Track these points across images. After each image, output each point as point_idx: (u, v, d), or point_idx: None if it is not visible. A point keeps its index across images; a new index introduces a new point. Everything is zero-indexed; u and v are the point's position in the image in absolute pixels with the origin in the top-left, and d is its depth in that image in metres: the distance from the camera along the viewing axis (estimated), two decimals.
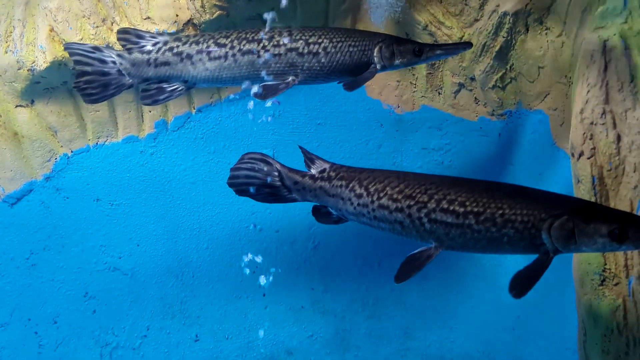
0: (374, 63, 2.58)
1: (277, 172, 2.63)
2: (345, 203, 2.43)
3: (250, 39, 2.56)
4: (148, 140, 3.50)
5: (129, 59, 2.58)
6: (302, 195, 2.61)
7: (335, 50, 2.54)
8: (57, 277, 3.52)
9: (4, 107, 3.23)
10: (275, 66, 2.55)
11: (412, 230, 2.22)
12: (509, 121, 3.35)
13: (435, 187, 2.18)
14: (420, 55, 2.57)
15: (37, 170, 3.38)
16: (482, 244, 2.09)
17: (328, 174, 2.53)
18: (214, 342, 3.83)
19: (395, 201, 2.22)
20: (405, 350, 3.92)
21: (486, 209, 2.04)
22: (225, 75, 2.58)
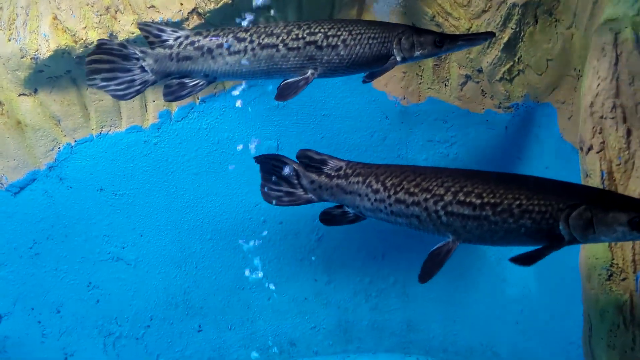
0: (394, 55, 2.55)
1: (293, 171, 2.62)
2: (363, 199, 2.42)
3: (269, 33, 2.54)
4: (152, 130, 3.48)
5: (152, 55, 2.57)
6: (318, 194, 2.60)
7: (354, 43, 2.51)
8: (60, 267, 3.52)
9: (7, 95, 3.21)
10: (293, 60, 2.53)
11: (429, 224, 2.21)
12: (516, 114, 3.33)
13: (452, 179, 2.17)
14: (441, 46, 2.54)
15: (40, 159, 3.37)
16: (499, 235, 2.08)
17: (345, 171, 2.53)
18: (217, 333, 3.84)
19: (412, 195, 2.22)
20: (408, 343, 3.92)
21: (503, 200, 2.03)
22: (245, 69, 2.57)
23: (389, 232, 3.79)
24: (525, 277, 3.42)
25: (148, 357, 3.73)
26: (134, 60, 2.57)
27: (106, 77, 2.56)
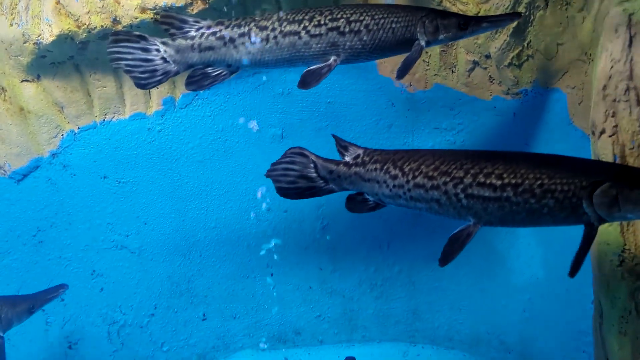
0: (418, 39, 2.50)
1: (312, 163, 2.60)
2: (381, 186, 2.40)
3: (291, 20, 2.52)
4: (156, 118, 3.45)
5: (174, 46, 2.56)
6: (338, 184, 2.59)
7: (377, 28, 2.47)
8: (64, 255, 3.50)
9: (9, 81, 3.18)
10: (316, 47, 2.50)
11: (449, 208, 2.18)
12: (525, 100, 3.29)
13: (472, 161, 2.14)
14: (465, 29, 2.48)
15: (43, 146, 3.34)
16: (521, 217, 2.04)
17: (362, 159, 2.51)
18: (221, 321, 3.82)
19: (431, 179, 2.19)
20: (413, 332, 3.90)
21: (524, 180, 2.00)
22: (268, 58, 2.55)
23: (394, 220, 3.77)
24: (533, 265, 3.40)
25: (152, 345, 3.72)
26: (155, 51, 2.56)
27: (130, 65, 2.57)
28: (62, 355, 3.59)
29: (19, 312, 2.93)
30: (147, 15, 3.01)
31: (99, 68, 3.25)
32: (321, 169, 2.59)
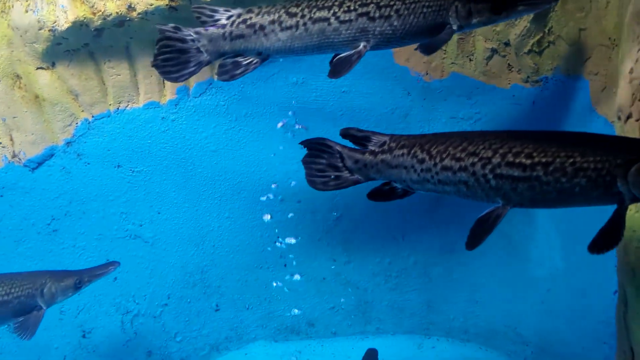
0: (450, 23, 2.44)
1: (337, 153, 2.56)
2: (409, 172, 2.35)
3: (321, 6, 2.49)
4: (169, 107, 3.43)
5: (206, 36, 2.55)
6: (364, 174, 2.53)
7: (408, 12, 2.42)
8: (78, 244, 3.50)
9: (25, 68, 3.17)
10: (346, 33, 2.46)
11: (478, 190, 2.13)
12: (545, 88, 3.23)
13: (500, 141, 2.08)
14: (499, 13, 2.41)
15: (58, 134, 3.33)
16: (551, 197, 1.98)
17: (389, 145, 2.46)
18: (234, 312, 3.81)
19: (458, 160, 2.14)
20: (428, 324, 3.87)
21: (555, 158, 1.94)
22: (297, 45, 2.53)
23: (409, 211, 3.73)
24: (552, 256, 3.35)
25: (165, 335, 3.71)
26: (190, 42, 2.56)
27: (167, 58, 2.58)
28: (76, 343, 3.58)
29: (65, 287, 2.91)
30: (162, 2, 2.99)
31: (114, 56, 3.23)
32: (347, 159, 2.54)
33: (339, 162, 2.57)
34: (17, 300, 2.77)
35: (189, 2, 3.00)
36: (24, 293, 2.80)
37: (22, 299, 2.79)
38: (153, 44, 3.20)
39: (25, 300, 2.80)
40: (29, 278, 2.87)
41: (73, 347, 3.58)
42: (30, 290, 2.82)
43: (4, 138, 3.30)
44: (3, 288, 2.75)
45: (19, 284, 2.81)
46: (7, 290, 2.76)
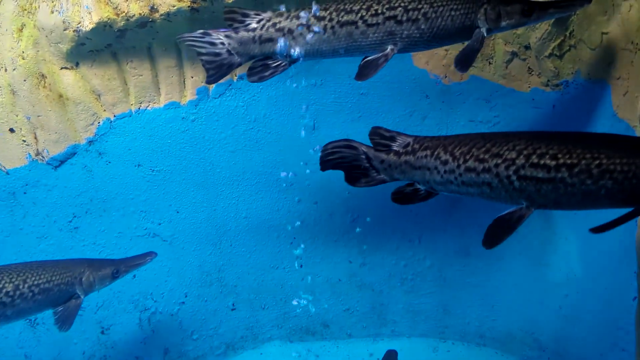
0: (479, 27, 2.43)
1: (363, 154, 2.58)
2: (432, 173, 2.36)
3: (349, 10, 2.51)
4: (189, 107, 3.47)
5: (237, 39, 2.60)
6: (389, 173, 2.56)
7: (436, 16, 2.42)
8: (98, 241, 3.55)
9: (49, 68, 3.23)
10: (373, 36, 2.48)
11: (501, 191, 2.12)
12: (565, 92, 3.21)
13: (525, 142, 2.08)
14: (529, 15, 2.40)
15: (80, 133, 3.38)
16: (576, 199, 1.97)
17: (412, 146, 2.47)
18: (250, 312, 3.83)
19: (482, 161, 2.14)
20: (443, 327, 3.86)
21: (580, 160, 1.93)
22: (325, 48, 2.56)
23: (425, 214, 3.72)
24: (570, 261, 3.32)
25: (182, 333, 3.74)
26: (220, 45, 2.62)
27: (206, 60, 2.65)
28: (95, 339, 3.63)
29: (102, 275, 2.95)
30: (184, 4, 3.02)
31: (136, 56, 3.27)
32: (373, 159, 2.57)
33: (365, 162, 2.58)
34: (57, 288, 2.79)
35: (210, 4, 3.03)
36: (64, 281, 2.82)
37: (62, 286, 2.81)
38: (175, 44, 3.29)
39: (65, 288, 2.83)
40: (69, 266, 2.89)
41: (92, 342, 3.63)
42: (70, 279, 2.84)
43: (28, 136, 3.36)
44: (44, 275, 2.77)
45: (59, 272, 2.83)
46: (48, 277, 2.78)
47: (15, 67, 3.21)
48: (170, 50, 3.30)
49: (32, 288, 2.70)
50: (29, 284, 2.69)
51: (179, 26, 3.12)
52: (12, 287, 2.65)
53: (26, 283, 2.69)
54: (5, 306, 2.63)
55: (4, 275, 2.66)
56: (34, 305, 2.73)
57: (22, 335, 3.55)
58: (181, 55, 3.34)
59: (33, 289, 2.70)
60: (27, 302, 2.69)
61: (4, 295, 2.62)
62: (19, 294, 2.65)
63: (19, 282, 2.67)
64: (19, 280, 2.67)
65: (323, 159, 2.70)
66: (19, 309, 2.68)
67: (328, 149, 2.69)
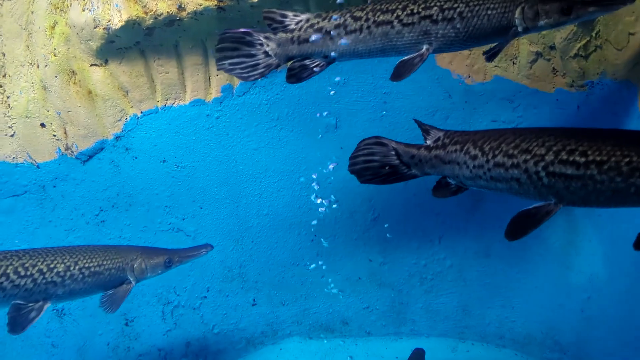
0: (515, 25, 2.41)
1: (393, 150, 2.60)
2: (462, 168, 2.37)
3: (385, 9, 2.52)
4: (214, 104, 3.52)
5: (275, 40, 2.63)
6: (420, 168, 2.58)
7: (472, 15, 2.41)
8: (124, 235, 3.62)
9: (79, 65, 3.31)
10: (408, 36, 2.49)
11: (530, 187, 2.12)
12: (590, 93, 3.18)
13: (554, 138, 2.07)
14: (569, 14, 2.35)
15: (108, 129, 3.46)
16: (605, 196, 1.96)
17: (442, 141, 2.49)
18: (270, 307, 3.87)
19: (511, 157, 2.14)
20: (463, 327, 3.85)
21: (610, 157, 1.92)
22: (361, 48, 2.57)
23: (446, 215, 3.72)
24: (593, 263, 3.29)
25: (204, 327, 3.79)
26: (258, 45, 2.64)
27: (233, 63, 2.65)
28: (119, 331, 3.71)
29: (155, 264, 3.01)
30: (211, 3, 3.07)
31: (163, 54, 3.34)
32: (403, 154, 2.58)
33: (395, 158, 2.60)
34: (108, 272, 2.87)
35: (236, 3, 3.08)
36: (115, 266, 2.89)
37: (113, 271, 2.89)
38: (201, 43, 3.35)
39: (116, 273, 2.90)
40: (122, 252, 2.96)
41: (116, 334, 3.70)
42: (122, 264, 2.92)
43: (58, 131, 3.45)
44: (96, 259, 2.85)
45: (112, 256, 2.90)
46: (100, 262, 2.85)
47: (47, 63, 3.30)
48: (196, 48, 3.35)
49: (82, 270, 2.78)
50: (80, 266, 2.78)
51: (206, 24, 3.18)
52: (63, 267, 2.74)
53: (77, 265, 2.77)
54: (56, 285, 2.72)
55: (57, 256, 2.76)
56: (84, 287, 2.81)
57: (49, 325, 3.64)
58: (207, 53, 3.40)
59: (83, 271, 2.78)
60: (77, 283, 2.77)
61: (55, 275, 2.71)
62: (69, 275, 2.74)
63: (70, 263, 2.76)
64: (70, 262, 2.76)
65: (353, 157, 2.71)
66: (69, 289, 2.77)
67: (360, 147, 2.70)
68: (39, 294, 2.69)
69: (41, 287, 2.69)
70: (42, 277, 2.68)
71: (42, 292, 2.69)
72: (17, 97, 3.40)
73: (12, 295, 2.65)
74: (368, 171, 2.68)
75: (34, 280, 2.67)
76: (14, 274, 2.63)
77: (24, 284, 2.65)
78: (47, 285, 2.69)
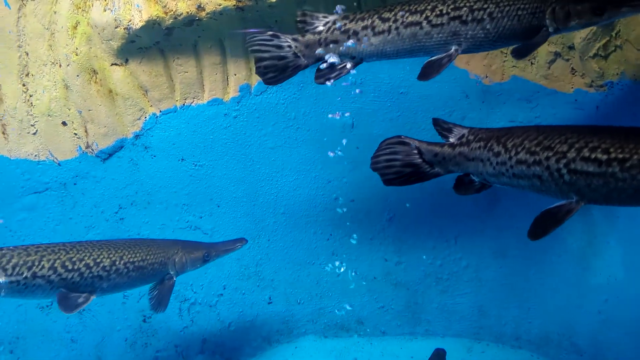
0: (546, 26, 2.39)
1: (415, 149, 2.61)
2: (485, 164, 2.38)
3: (413, 10, 2.52)
4: (232, 104, 3.55)
5: (303, 42, 2.66)
6: (444, 167, 2.58)
7: (501, 15, 2.40)
8: (142, 232, 3.66)
9: (101, 64, 3.36)
10: (437, 37, 2.49)
11: (551, 184, 2.12)
12: (609, 93, 3.16)
13: (577, 135, 2.06)
14: (601, 15, 2.32)
15: (128, 127, 3.51)
16: (627, 194, 1.95)
17: (467, 138, 2.49)
18: (286, 306, 3.89)
19: (533, 154, 2.14)
20: (478, 328, 3.84)
21: (632, 155, 1.91)
22: (389, 48, 2.58)
23: (462, 215, 3.71)
24: (611, 265, 3.26)
25: (220, 324, 3.83)
26: (287, 47, 2.66)
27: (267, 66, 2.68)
28: (137, 327, 3.75)
29: (194, 258, 3.08)
30: (230, 3, 3.10)
31: (182, 54, 3.38)
32: (426, 153, 2.58)
33: (417, 157, 2.60)
34: (151, 267, 2.93)
35: (255, 3, 3.10)
36: (157, 261, 2.96)
37: (156, 266, 2.95)
38: (219, 42, 3.38)
39: (159, 267, 2.96)
40: (163, 247, 3.03)
41: (134, 330, 3.75)
42: (163, 259, 2.98)
43: (79, 129, 3.50)
44: (140, 254, 2.91)
45: (154, 251, 2.97)
46: (144, 256, 2.92)
47: (69, 63, 3.36)
48: (214, 48, 3.39)
49: (127, 265, 2.85)
50: (125, 261, 2.85)
51: (224, 24, 3.21)
52: (109, 262, 2.81)
53: (122, 259, 2.84)
54: (101, 279, 2.79)
55: (103, 251, 2.83)
56: (128, 281, 2.88)
57: (69, 321, 3.70)
58: (225, 52, 3.43)
59: (128, 266, 2.85)
60: (122, 277, 2.84)
61: (101, 269, 2.78)
62: (114, 269, 2.81)
63: (116, 258, 2.83)
64: (116, 257, 2.83)
65: (375, 156, 2.72)
66: (114, 283, 2.84)
67: (381, 147, 2.71)
68: (85, 287, 2.76)
69: (87, 281, 2.76)
70: (88, 271, 2.75)
71: (88, 286, 2.77)
72: (40, 96, 3.46)
73: (59, 288, 2.72)
74: (390, 170, 2.68)
75: (81, 274, 2.74)
76: (61, 267, 2.70)
77: (71, 277, 2.72)
78: (93, 279, 2.77)
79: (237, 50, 3.43)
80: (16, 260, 2.66)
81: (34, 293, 2.70)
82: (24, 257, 2.68)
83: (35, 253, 2.71)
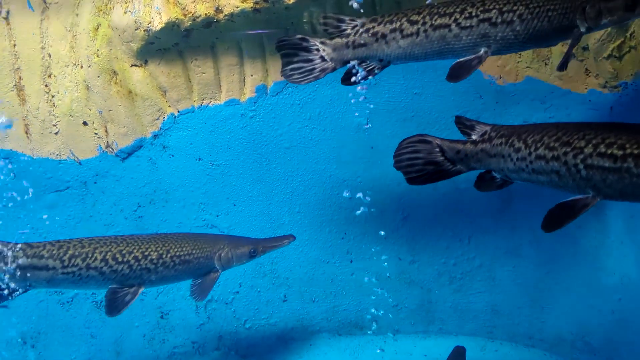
0: (577, 26, 2.38)
1: (437, 147, 2.64)
2: (506, 160, 2.41)
3: (442, 13, 2.52)
4: (248, 104, 3.60)
5: (331, 45, 2.69)
6: (466, 164, 2.61)
7: (532, 17, 2.39)
8: (160, 230, 3.72)
9: (121, 65, 3.43)
10: (466, 39, 2.49)
11: (569, 179, 2.14)
12: (624, 94, 3.18)
13: (595, 131, 2.10)
14: (633, 10, 2.30)
15: (147, 127, 3.57)
16: None
17: (489, 134, 2.52)
18: (301, 304, 3.93)
19: (552, 149, 2.17)
20: (491, 327, 3.86)
21: None
22: (418, 51, 2.59)
23: (476, 214, 3.74)
24: (625, 265, 3.28)
25: (236, 322, 3.88)
26: (315, 51, 2.70)
27: (294, 68, 2.73)
28: (155, 323, 3.81)
29: (240, 253, 3.14)
30: (248, 5, 3.15)
31: (200, 55, 3.44)
32: (448, 150, 2.62)
33: (439, 155, 2.63)
34: (197, 261, 3.01)
35: (271, 5, 3.16)
36: (203, 255, 3.04)
37: (202, 260, 3.03)
38: (237, 44, 3.44)
39: (205, 262, 3.04)
40: (210, 241, 3.10)
41: (151, 326, 3.81)
42: (209, 254, 3.05)
43: (100, 129, 3.58)
44: (186, 248, 3.00)
45: (201, 245, 3.05)
46: (189, 250, 3.00)
47: (90, 64, 3.43)
48: (232, 49, 3.44)
49: (174, 258, 2.94)
50: (172, 254, 2.94)
51: (241, 26, 3.27)
52: (156, 255, 2.91)
53: (169, 253, 2.94)
54: (149, 272, 2.90)
55: (151, 244, 2.93)
56: (175, 274, 2.97)
57: (89, 316, 3.77)
58: (242, 54, 3.49)
59: (175, 259, 2.94)
60: (169, 270, 2.94)
61: (149, 262, 2.89)
62: (161, 262, 2.91)
63: (163, 251, 2.92)
64: (163, 250, 2.93)
65: (397, 155, 2.75)
66: (161, 276, 2.94)
67: (402, 145, 2.74)
68: (134, 279, 2.87)
69: (136, 273, 2.87)
70: (137, 263, 2.86)
71: (137, 278, 2.88)
72: (62, 97, 3.54)
73: (109, 279, 2.84)
74: (413, 168, 2.71)
75: (130, 266, 2.85)
76: (112, 259, 2.82)
77: (121, 269, 2.84)
78: (141, 271, 2.88)
79: (254, 52, 3.48)
80: (72, 252, 2.78)
81: (87, 284, 2.83)
82: (79, 248, 2.81)
83: (89, 245, 2.83)
